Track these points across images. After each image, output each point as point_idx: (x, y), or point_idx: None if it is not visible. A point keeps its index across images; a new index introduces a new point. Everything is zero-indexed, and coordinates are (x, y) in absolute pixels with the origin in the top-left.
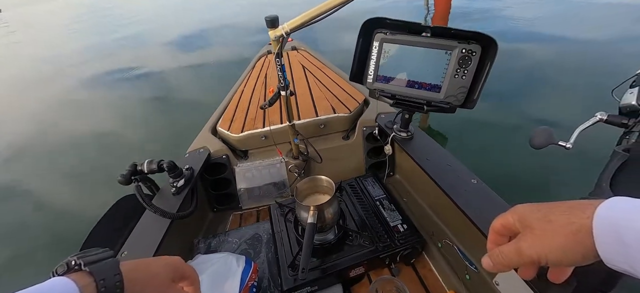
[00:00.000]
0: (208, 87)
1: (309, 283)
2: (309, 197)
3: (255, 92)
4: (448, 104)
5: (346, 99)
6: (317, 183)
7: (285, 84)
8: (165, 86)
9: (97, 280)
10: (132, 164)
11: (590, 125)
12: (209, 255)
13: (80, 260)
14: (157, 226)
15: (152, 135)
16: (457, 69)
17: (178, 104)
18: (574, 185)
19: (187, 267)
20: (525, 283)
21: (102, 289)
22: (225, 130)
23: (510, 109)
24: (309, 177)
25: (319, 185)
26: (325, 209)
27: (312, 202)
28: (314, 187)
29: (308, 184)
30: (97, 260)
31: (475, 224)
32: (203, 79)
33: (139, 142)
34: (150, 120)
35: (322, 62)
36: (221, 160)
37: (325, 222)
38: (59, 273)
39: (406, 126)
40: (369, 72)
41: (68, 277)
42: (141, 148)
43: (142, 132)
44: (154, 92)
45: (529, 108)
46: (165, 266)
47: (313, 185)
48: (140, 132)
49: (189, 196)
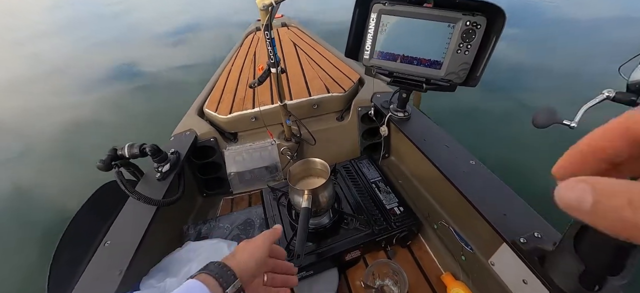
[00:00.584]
0: (194, 66)
1: (304, 268)
2: (302, 181)
3: (243, 71)
4: (449, 82)
5: (340, 78)
6: (311, 166)
7: (275, 60)
8: (147, 66)
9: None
10: (111, 149)
11: (597, 103)
12: (199, 242)
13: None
14: (142, 213)
15: (133, 119)
16: (460, 44)
17: (162, 86)
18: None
19: (267, 231)
20: (520, 263)
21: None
22: (212, 112)
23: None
24: (302, 159)
25: (313, 168)
26: (320, 193)
27: (306, 186)
28: (307, 170)
29: (301, 167)
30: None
31: (473, 204)
32: (188, 59)
33: (120, 127)
34: (132, 102)
35: (315, 39)
36: (209, 143)
37: (320, 206)
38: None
39: (403, 106)
40: (366, 47)
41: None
42: (124, 133)
43: (124, 116)
44: (134, 73)
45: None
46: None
47: (307, 168)
48: (121, 116)
49: (175, 181)
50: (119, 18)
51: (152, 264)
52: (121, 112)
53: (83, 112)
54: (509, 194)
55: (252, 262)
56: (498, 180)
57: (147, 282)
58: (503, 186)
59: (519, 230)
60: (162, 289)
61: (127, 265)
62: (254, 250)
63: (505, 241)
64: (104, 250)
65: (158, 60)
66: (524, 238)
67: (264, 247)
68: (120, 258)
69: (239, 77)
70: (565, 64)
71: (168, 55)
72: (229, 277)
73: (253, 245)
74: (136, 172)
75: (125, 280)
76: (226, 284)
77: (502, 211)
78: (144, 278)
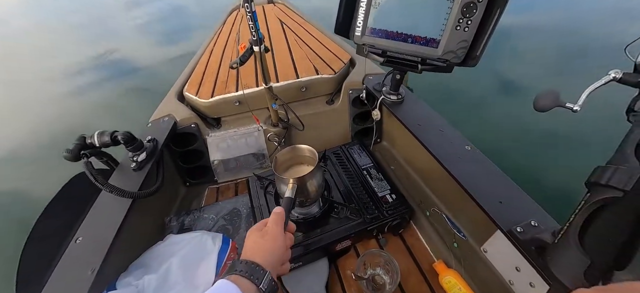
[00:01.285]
0: (171, 46)
1: (292, 259)
2: (290, 169)
3: (226, 51)
4: (446, 62)
5: (330, 59)
6: (299, 154)
7: (258, 38)
8: (120, 49)
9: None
10: (80, 137)
11: (602, 84)
12: (181, 235)
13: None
14: (116, 207)
15: (107, 106)
16: (459, 19)
17: (137, 69)
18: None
19: (276, 217)
20: (514, 251)
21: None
22: (193, 96)
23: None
24: (289, 146)
25: (301, 155)
26: (308, 181)
27: (294, 174)
28: (295, 158)
29: (288, 154)
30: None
31: (468, 191)
32: (165, 37)
33: (91, 114)
34: (107, 88)
35: (303, 16)
36: (190, 129)
37: (308, 195)
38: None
39: (397, 88)
40: (358, 23)
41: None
42: (97, 121)
43: (96, 104)
44: (108, 57)
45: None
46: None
47: (294, 155)
48: (93, 104)
49: (153, 171)
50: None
51: (131, 259)
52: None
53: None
54: (506, 181)
55: (277, 253)
56: (494, 166)
57: (124, 280)
58: (499, 173)
59: (515, 218)
60: (141, 287)
61: (100, 263)
62: (273, 243)
63: (500, 229)
64: (75, 247)
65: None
66: (521, 227)
67: (282, 236)
68: (93, 256)
69: (222, 57)
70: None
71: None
72: (260, 273)
73: (272, 237)
74: (110, 161)
75: (98, 278)
76: (258, 281)
77: (498, 198)
78: (121, 275)
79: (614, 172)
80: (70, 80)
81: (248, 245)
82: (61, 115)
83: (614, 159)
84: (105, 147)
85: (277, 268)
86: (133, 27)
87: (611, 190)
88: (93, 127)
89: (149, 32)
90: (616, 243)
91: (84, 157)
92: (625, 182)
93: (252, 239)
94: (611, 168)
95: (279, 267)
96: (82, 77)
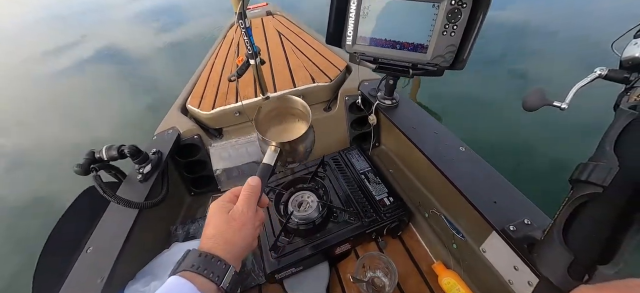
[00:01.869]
0: (176, 62)
1: (293, 264)
2: (277, 127)
3: (227, 64)
4: (435, 66)
5: (326, 67)
6: (288, 105)
7: (253, 51)
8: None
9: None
10: (89, 152)
11: (589, 82)
12: (186, 243)
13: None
14: (123, 217)
15: (117, 120)
16: (445, 25)
17: (144, 83)
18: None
19: (249, 193)
20: (511, 251)
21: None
22: (195, 108)
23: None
24: (277, 95)
25: (291, 108)
26: (298, 145)
27: (281, 132)
28: (283, 109)
29: (275, 104)
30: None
31: (462, 192)
32: (170, 54)
33: (101, 126)
34: (114, 101)
35: (300, 27)
36: (193, 140)
37: (296, 156)
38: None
39: (391, 93)
40: (348, 32)
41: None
42: (108, 135)
43: (105, 116)
44: (115, 70)
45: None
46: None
47: (282, 106)
48: (102, 116)
49: (158, 182)
50: None
51: (139, 268)
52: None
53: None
54: (500, 181)
55: (244, 243)
56: (489, 166)
57: (132, 287)
58: (494, 172)
59: (509, 217)
60: None
61: (109, 272)
62: (241, 230)
63: (494, 229)
64: (86, 257)
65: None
66: (514, 226)
67: (252, 220)
68: (102, 265)
69: (222, 70)
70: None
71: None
72: (221, 269)
73: (240, 223)
74: (118, 174)
75: (107, 286)
76: (219, 279)
77: (492, 198)
78: (129, 282)
79: (593, 168)
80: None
81: (209, 232)
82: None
83: (595, 155)
84: (113, 160)
85: (243, 256)
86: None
87: (592, 186)
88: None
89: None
90: (599, 238)
91: (92, 171)
92: (603, 178)
93: (214, 224)
94: (591, 165)
95: (246, 254)
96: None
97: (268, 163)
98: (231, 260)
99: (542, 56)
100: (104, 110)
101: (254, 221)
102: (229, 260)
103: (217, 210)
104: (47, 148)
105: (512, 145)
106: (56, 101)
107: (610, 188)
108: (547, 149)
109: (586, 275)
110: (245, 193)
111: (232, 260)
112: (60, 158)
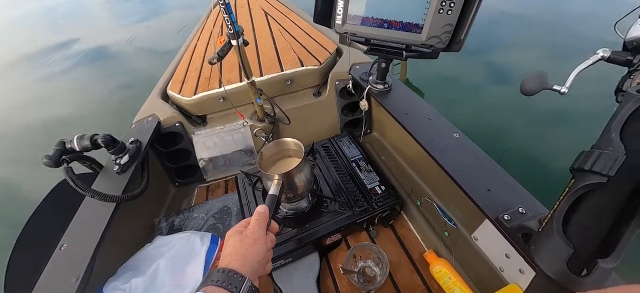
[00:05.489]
0: (155, 46)
1: (282, 255)
2: (277, 164)
3: (209, 47)
4: (430, 48)
5: (316, 49)
6: (284, 147)
7: (235, 31)
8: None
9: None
10: (59, 142)
11: (591, 64)
12: (169, 236)
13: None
14: (100, 212)
15: (91, 108)
16: (442, 2)
17: (120, 70)
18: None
19: (258, 217)
20: (503, 238)
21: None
22: (176, 94)
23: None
24: (274, 141)
25: (287, 149)
26: (295, 176)
27: (281, 169)
28: (281, 152)
29: (274, 149)
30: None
31: (456, 180)
32: (148, 37)
33: (74, 117)
34: (87, 89)
35: (288, 6)
36: (175, 128)
37: (296, 191)
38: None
39: (383, 77)
40: (338, 10)
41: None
42: (80, 124)
43: (78, 105)
44: (89, 59)
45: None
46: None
47: (280, 149)
48: (75, 105)
49: (138, 173)
50: None
51: (120, 263)
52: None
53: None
54: (494, 168)
55: (257, 258)
56: (483, 153)
57: (111, 284)
58: (488, 160)
59: (502, 205)
60: (128, 291)
61: (84, 270)
62: (253, 246)
63: (488, 217)
64: (59, 255)
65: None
66: (508, 215)
67: (263, 238)
68: (77, 263)
69: (205, 53)
70: None
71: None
72: (238, 281)
73: (252, 240)
74: (94, 165)
75: (84, 285)
76: (236, 290)
77: (486, 186)
78: (109, 279)
79: (598, 156)
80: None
81: (226, 251)
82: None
83: (599, 143)
84: (86, 151)
85: (259, 272)
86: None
87: (595, 176)
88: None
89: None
90: (600, 230)
91: (64, 162)
92: (609, 167)
93: (230, 244)
94: (595, 153)
95: (260, 270)
96: None
97: (273, 194)
98: (247, 273)
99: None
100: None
101: (266, 241)
102: (245, 273)
103: (232, 234)
104: (13, 137)
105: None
106: (25, 90)
107: (616, 178)
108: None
109: (585, 269)
110: (255, 217)
111: (248, 273)
112: (30, 149)
